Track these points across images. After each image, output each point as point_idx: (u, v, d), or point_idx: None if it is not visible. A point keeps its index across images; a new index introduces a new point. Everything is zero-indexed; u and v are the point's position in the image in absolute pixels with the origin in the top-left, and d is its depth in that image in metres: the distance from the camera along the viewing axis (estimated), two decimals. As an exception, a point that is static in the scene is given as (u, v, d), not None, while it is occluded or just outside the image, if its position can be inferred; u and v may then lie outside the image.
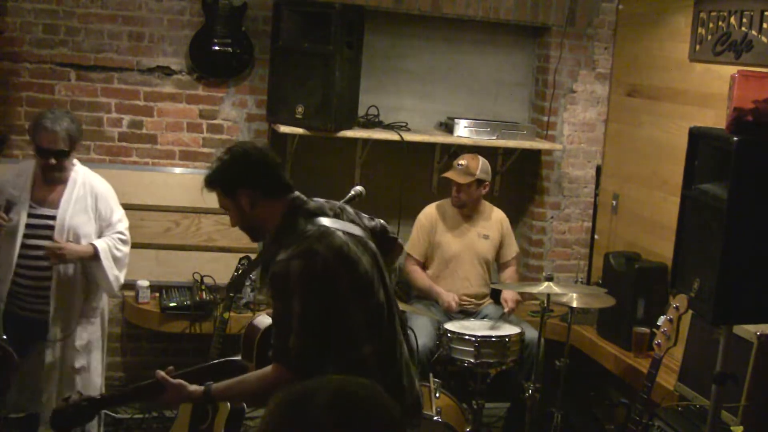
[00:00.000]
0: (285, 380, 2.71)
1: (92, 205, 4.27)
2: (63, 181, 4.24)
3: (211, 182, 3.04)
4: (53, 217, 4.18)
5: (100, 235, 4.30)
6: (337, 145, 5.46)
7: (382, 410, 1.53)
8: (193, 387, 2.89)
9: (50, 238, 4.14)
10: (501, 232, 5.22)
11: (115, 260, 4.31)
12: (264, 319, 3.27)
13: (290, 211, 2.91)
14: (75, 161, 4.32)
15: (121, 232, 4.37)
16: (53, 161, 4.13)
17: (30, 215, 4.17)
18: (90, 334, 4.38)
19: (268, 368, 2.82)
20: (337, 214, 2.96)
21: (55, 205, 4.19)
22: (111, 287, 4.36)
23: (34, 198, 4.21)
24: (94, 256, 4.22)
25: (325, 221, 2.87)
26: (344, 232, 2.87)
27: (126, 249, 4.38)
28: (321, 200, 3.02)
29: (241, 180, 2.95)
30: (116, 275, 4.33)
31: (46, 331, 4.22)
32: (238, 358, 3.57)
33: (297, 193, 2.98)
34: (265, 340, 3.15)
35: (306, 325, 2.73)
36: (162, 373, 2.89)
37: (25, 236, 4.16)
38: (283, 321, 2.77)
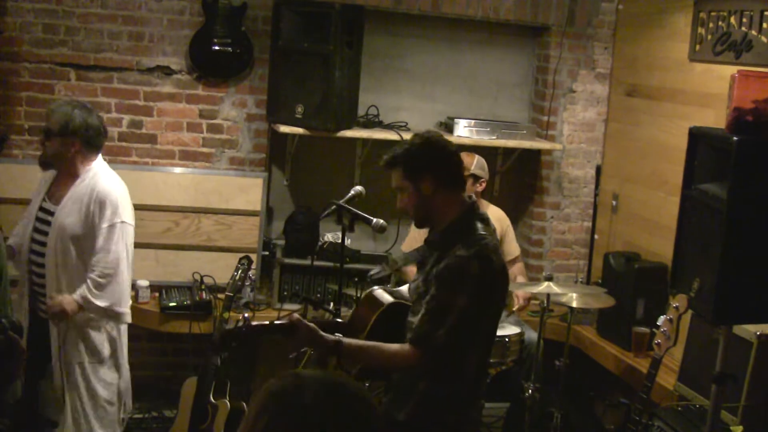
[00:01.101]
0: (417, 365, 2.93)
1: (86, 206, 4.08)
2: (75, 175, 4.12)
3: (395, 161, 3.09)
4: (53, 213, 4.13)
5: (89, 240, 4.09)
6: (337, 144, 5.46)
7: (368, 405, 1.57)
8: (329, 337, 2.93)
9: (48, 234, 4.14)
10: (501, 229, 5.20)
11: (100, 289, 4.07)
12: (384, 295, 3.23)
13: (469, 211, 3.06)
14: (94, 159, 4.14)
15: (102, 255, 4.08)
16: (42, 138, 4.10)
17: (40, 209, 4.18)
18: (93, 331, 4.22)
19: (405, 346, 2.95)
20: (494, 231, 3.14)
21: (59, 201, 4.16)
22: (117, 320, 4.22)
23: (49, 192, 4.21)
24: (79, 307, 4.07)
25: (490, 234, 3.04)
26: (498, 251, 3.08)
27: (108, 271, 4.06)
28: (482, 210, 3.17)
29: (429, 165, 3.04)
30: (103, 307, 4.08)
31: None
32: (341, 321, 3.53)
33: (470, 195, 3.15)
34: (384, 316, 3.16)
35: (463, 323, 2.90)
36: (297, 315, 2.94)
37: (35, 230, 4.16)
38: (441, 311, 2.90)
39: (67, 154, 4.09)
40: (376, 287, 3.33)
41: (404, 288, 3.32)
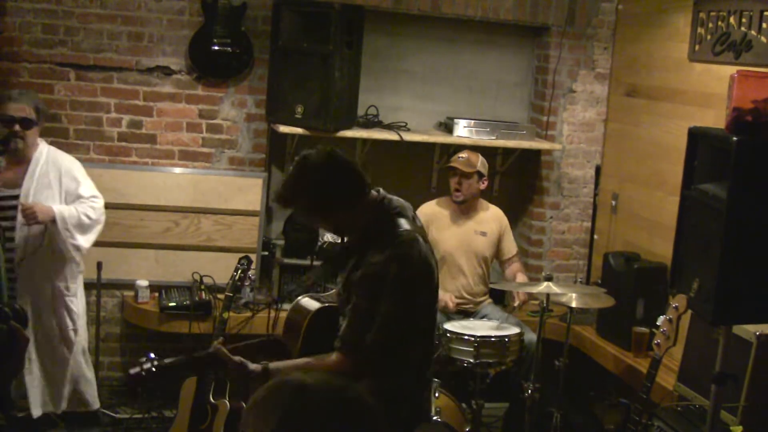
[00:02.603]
0: (351, 371, 2.84)
1: (56, 179, 4.34)
2: (26, 161, 4.31)
3: (288, 202, 3.04)
4: (17, 197, 4.27)
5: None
6: (337, 144, 5.39)
7: (368, 409, 1.56)
8: (253, 366, 2.94)
9: (16, 219, 4.20)
10: (499, 229, 5.21)
11: (80, 226, 4.36)
12: (311, 302, 3.23)
13: (380, 209, 2.98)
14: (39, 141, 4.41)
15: (92, 201, 4.44)
16: (17, 128, 4.24)
17: None
18: (64, 320, 4.49)
19: (332, 356, 2.92)
20: (413, 218, 3.07)
21: (18, 184, 4.26)
22: (70, 254, 4.44)
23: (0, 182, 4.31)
24: (53, 220, 4.28)
25: (407, 225, 2.95)
26: (423, 239, 2.98)
27: (95, 216, 4.43)
28: (397, 199, 3.08)
29: (333, 202, 2.93)
30: (75, 243, 4.38)
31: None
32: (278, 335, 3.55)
33: (378, 189, 3.05)
34: (314, 323, 3.16)
35: (389, 325, 2.85)
36: (223, 350, 2.94)
37: None
38: (363, 317, 2.87)
39: (34, 139, 4.35)
40: (302, 296, 3.32)
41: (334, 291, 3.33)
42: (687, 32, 4.63)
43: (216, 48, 5.16)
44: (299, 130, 5.13)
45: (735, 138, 2.83)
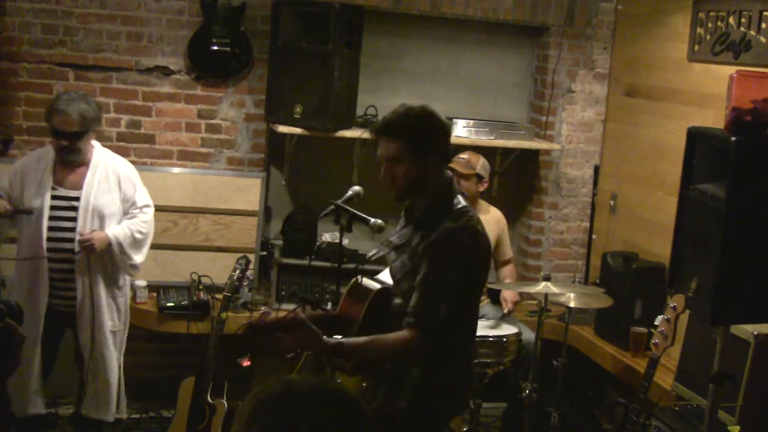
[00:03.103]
0: (421, 347, 2.88)
1: (116, 185, 4.36)
2: (84, 163, 4.32)
3: (396, 132, 2.97)
4: (77, 198, 4.27)
5: (124, 215, 4.41)
6: (336, 145, 5.46)
7: (360, 410, 1.56)
8: (327, 339, 2.89)
9: (75, 219, 4.20)
10: (498, 230, 5.21)
11: (134, 244, 4.40)
12: (371, 282, 3.21)
13: (450, 184, 3.03)
14: (95, 143, 4.41)
15: (144, 212, 4.47)
16: (65, 143, 4.20)
17: (54, 197, 4.26)
18: (117, 317, 4.51)
19: (405, 333, 2.90)
20: None
21: (78, 186, 4.29)
22: (128, 272, 4.51)
23: (56, 180, 4.30)
24: (108, 244, 4.31)
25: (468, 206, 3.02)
26: None
27: (146, 229, 4.46)
28: None
29: (434, 138, 2.98)
30: (132, 263, 4.43)
31: (73, 319, 4.34)
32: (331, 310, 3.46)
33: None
34: (375, 303, 3.13)
35: (458, 297, 2.87)
36: (303, 316, 2.91)
37: (51, 218, 4.26)
38: (438, 287, 2.87)
39: (88, 146, 4.32)
40: (359, 277, 3.29)
41: (383, 275, 3.31)
42: (686, 32, 4.63)
43: (215, 48, 5.16)
44: (298, 130, 5.13)
45: (734, 138, 2.83)
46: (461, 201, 3.01)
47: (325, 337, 2.88)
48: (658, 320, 3.99)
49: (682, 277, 3.10)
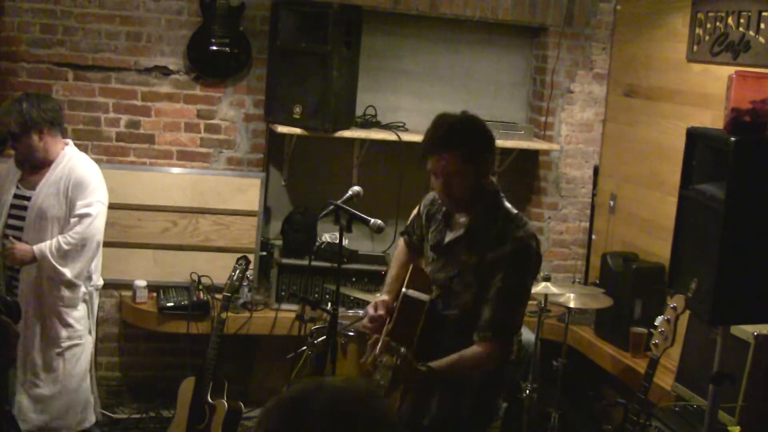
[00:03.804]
0: (499, 358, 2.87)
1: (64, 189, 4.23)
2: (47, 164, 4.26)
3: (455, 144, 2.93)
4: (29, 198, 4.24)
5: (68, 222, 4.22)
6: (335, 145, 5.46)
7: (378, 415, 1.50)
8: (419, 367, 2.80)
9: (25, 219, 4.19)
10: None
11: (64, 257, 4.17)
12: (417, 293, 3.05)
13: (498, 191, 3.01)
14: (65, 143, 4.32)
15: (82, 222, 4.21)
16: (13, 144, 4.20)
17: (14, 196, 4.28)
18: (61, 332, 4.25)
19: (483, 348, 2.85)
20: None
21: (34, 187, 4.24)
22: (67, 286, 4.25)
23: (22, 180, 4.30)
24: (33, 258, 4.16)
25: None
26: None
27: (76, 240, 4.18)
28: None
29: (489, 146, 2.99)
30: (65, 279, 4.19)
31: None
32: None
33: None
34: (429, 314, 3.01)
35: (525, 304, 2.90)
36: (403, 350, 2.77)
37: (9, 216, 4.27)
38: (514, 296, 2.86)
39: (38, 145, 4.20)
40: (403, 290, 3.11)
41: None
42: (685, 33, 4.63)
43: (214, 48, 5.15)
44: (297, 131, 5.13)
45: (733, 138, 2.83)
46: (510, 206, 3.00)
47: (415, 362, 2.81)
48: (658, 321, 3.99)
49: (682, 278, 3.09)
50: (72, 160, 4.28)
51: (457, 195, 2.96)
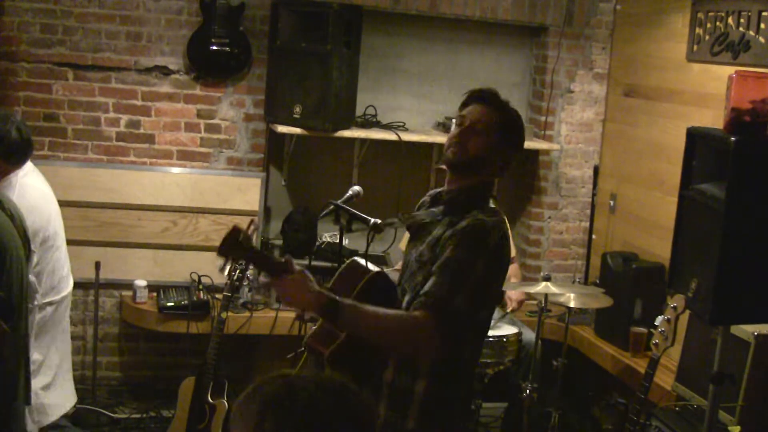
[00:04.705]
0: (427, 332, 2.59)
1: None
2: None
3: (498, 103, 2.87)
4: None
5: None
6: (335, 145, 5.46)
7: (362, 408, 1.54)
8: (321, 289, 2.60)
9: None
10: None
11: None
12: (369, 264, 2.94)
13: (490, 184, 2.97)
14: (19, 171, 3.71)
15: None
16: None
17: None
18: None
19: (415, 312, 2.63)
20: None
21: None
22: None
23: None
24: None
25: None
26: None
27: None
28: None
29: (521, 135, 2.94)
30: None
31: None
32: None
33: None
34: (369, 287, 2.85)
35: (479, 291, 2.66)
36: (290, 258, 2.65)
37: None
38: (456, 273, 2.64)
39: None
40: (356, 257, 3.04)
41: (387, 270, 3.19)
42: (685, 32, 4.63)
43: (214, 48, 5.15)
44: (297, 130, 5.13)
45: (733, 138, 2.83)
46: (493, 204, 2.92)
47: (317, 285, 2.62)
48: (658, 320, 3.99)
49: (682, 278, 3.09)
50: (21, 189, 3.68)
51: (466, 150, 2.84)
